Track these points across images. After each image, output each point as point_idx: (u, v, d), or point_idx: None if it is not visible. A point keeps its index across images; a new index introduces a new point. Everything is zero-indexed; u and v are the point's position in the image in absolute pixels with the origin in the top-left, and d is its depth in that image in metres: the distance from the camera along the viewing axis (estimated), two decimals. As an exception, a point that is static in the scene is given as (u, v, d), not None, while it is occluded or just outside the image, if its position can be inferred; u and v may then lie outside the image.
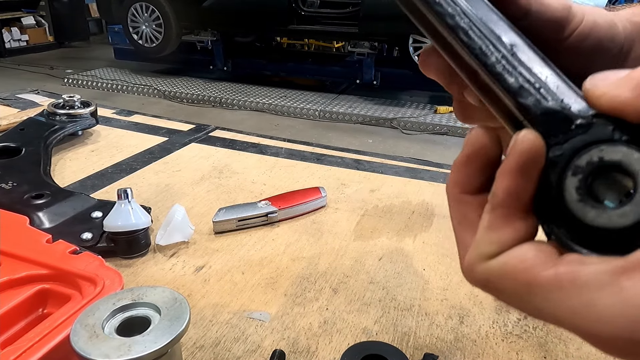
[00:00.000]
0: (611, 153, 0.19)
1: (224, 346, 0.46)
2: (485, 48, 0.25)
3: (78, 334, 0.33)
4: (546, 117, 0.21)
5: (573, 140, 0.20)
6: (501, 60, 0.24)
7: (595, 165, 0.19)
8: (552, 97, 0.22)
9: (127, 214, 0.56)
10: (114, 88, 4.91)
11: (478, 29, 0.25)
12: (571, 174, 0.19)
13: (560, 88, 0.22)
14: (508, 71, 0.24)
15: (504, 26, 0.26)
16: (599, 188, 0.19)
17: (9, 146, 0.79)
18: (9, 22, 6.69)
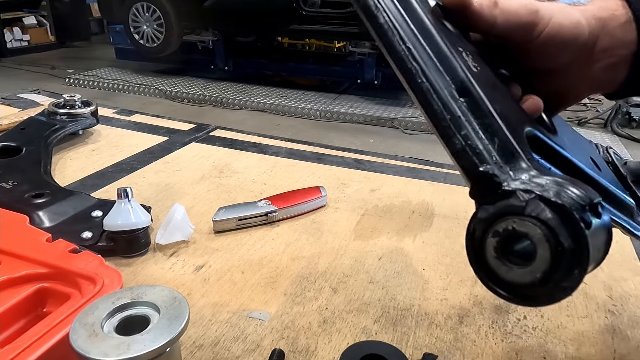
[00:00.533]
0: (521, 226, 0.23)
1: (224, 345, 0.46)
2: (439, 112, 0.28)
3: (77, 333, 0.33)
4: (479, 180, 0.26)
5: (497, 205, 0.24)
6: (449, 124, 0.27)
7: (509, 232, 0.24)
8: (486, 163, 0.26)
9: (127, 213, 0.56)
10: (115, 88, 4.92)
11: (433, 93, 0.28)
12: (491, 235, 0.24)
13: (493, 155, 0.27)
14: (453, 134, 0.27)
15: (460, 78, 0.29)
16: (513, 247, 0.24)
17: (9, 145, 0.79)
18: (10, 22, 6.69)
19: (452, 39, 0.31)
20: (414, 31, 0.29)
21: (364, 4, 0.30)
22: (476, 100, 0.28)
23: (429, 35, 0.30)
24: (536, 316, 0.51)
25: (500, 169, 0.26)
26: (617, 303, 0.54)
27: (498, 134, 0.27)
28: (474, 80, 0.29)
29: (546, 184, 0.24)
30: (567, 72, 0.37)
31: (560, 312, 0.52)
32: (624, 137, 3.93)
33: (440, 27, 0.31)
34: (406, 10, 0.30)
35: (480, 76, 0.30)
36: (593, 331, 0.49)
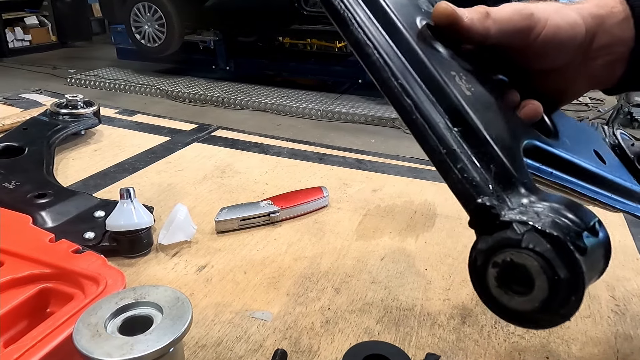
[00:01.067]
0: (518, 258, 0.24)
1: (226, 345, 0.46)
2: (435, 146, 0.28)
3: (80, 333, 0.33)
4: (477, 211, 0.27)
5: (496, 236, 0.25)
6: (445, 158, 0.28)
7: (508, 263, 0.25)
8: (483, 194, 0.27)
9: (130, 213, 0.56)
10: (116, 88, 4.92)
11: (428, 128, 0.28)
12: (491, 266, 0.25)
13: (490, 184, 0.27)
14: (449, 168, 0.28)
15: (457, 109, 0.29)
16: (513, 276, 0.25)
17: (12, 146, 0.79)
18: (12, 22, 6.70)
19: (444, 63, 0.31)
20: (406, 65, 0.29)
21: (354, 40, 0.30)
22: (471, 128, 0.29)
23: (421, 66, 0.30)
24: (539, 316, 0.51)
25: (498, 199, 0.27)
26: (620, 303, 0.53)
27: (494, 160, 0.28)
28: (468, 107, 0.29)
29: (542, 212, 0.25)
30: (565, 71, 0.37)
31: (562, 312, 0.51)
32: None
33: (431, 53, 0.31)
34: (396, 42, 0.30)
35: (474, 99, 0.30)
36: (596, 331, 0.49)
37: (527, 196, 0.27)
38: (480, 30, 0.32)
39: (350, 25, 0.30)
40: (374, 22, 0.30)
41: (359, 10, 0.30)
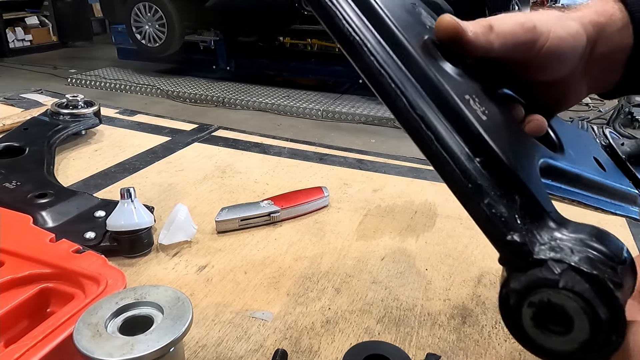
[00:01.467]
0: (557, 298, 0.23)
1: (227, 345, 0.46)
2: (458, 180, 0.27)
3: (81, 333, 0.33)
4: (508, 248, 0.26)
5: (530, 275, 0.24)
6: (471, 193, 0.27)
7: (545, 303, 0.24)
8: (512, 230, 0.26)
9: (130, 213, 0.56)
10: (117, 88, 4.93)
11: (450, 160, 0.27)
12: (527, 305, 0.24)
13: (518, 218, 0.26)
14: (476, 204, 0.27)
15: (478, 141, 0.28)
16: (550, 315, 0.24)
17: (12, 145, 0.79)
18: (12, 22, 6.71)
19: (457, 86, 0.30)
20: (422, 93, 0.28)
21: (366, 67, 0.28)
22: (493, 157, 0.28)
23: (438, 93, 0.28)
24: (539, 316, 0.51)
25: (528, 233, 0.26)
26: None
27: (519, 190, 0.27)
28: (488, 134, 0.28)
29: (574, 247, 0.25)
30: (566, 80, 0.37)
31: (563, 312, 0.51)
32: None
33: (444, 76, 0.30)
34: (409, 67, 0.29)
35: (491, 124, 0.30)
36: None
37: (556, 229, 0.27)
38: (484, 44, 0.32)
39: (362, 53, 0.28)
40: (384, 46, 0.29)
41: (367, 34, 0.29)
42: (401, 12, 0.32)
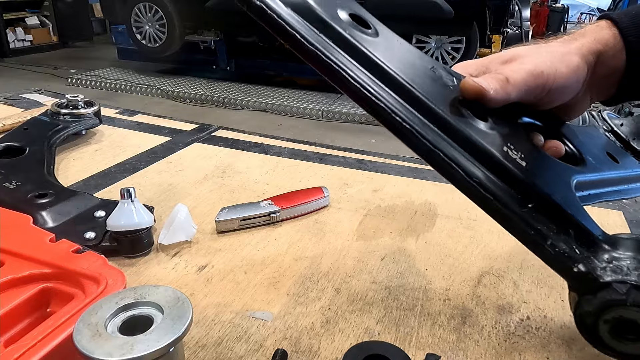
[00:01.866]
0: (627, 314, 0.28)
1: (227, 345, 0.46)
2: (521, 229, 0.31)
3: (81, 333, 0.33)
4: (576, 278, 0.30)
5: (600, 297, 0.29)
6: (534, 238, 0.31)
7: (618, 319, 0.28)
8: (576, 262, 0.30)
9: (130, 213, 0.56)
10: (117, 88, 4.93)
11: (512, 214, 0.32)
12: (602, 322, 0.29)
13: (577, 249, 0.30)
14: (541, 246, 0.31)
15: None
16: (624, 327, 0.28)
17: (12, 146, 0.79)
18: (13, 22, 6.71)
19: (495, 142, 0.34)
20: (473, 161, 0.32)
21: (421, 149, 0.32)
22: (542, 201, 0.32)
23: (485, 155, 0.32)
24: (539, 317, 0.51)
25: (589, 261, 0.30)
26: (620, 304, 0.53)
27: (571, 224, 0.32)
28: (532, 180, 0.32)
29: (629, 265, 0.29)
30: (570, 101, 0.41)
31: (563, 312, 0.51)
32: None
33: (484, 136, 0.34)
34: (456, 140, 0.32)
35: (530, 167, 0.34)
36: (596, 332, 0.49)
37: (609, 250, 0.31)
38: (503, 97, 0.37)
39: (413, 138, 0.32)
40: (430, 126, 0.33)
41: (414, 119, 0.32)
42: (430, 84, 0.36)
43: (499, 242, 0.64)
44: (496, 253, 0.62)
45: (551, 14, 10.11)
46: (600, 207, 0.74)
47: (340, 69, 0.33)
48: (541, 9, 9.92)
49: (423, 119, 0.33)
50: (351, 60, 0.33)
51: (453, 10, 3.85)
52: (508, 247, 0.63)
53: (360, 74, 0.32)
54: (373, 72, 0.33)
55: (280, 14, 0.32)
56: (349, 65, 0.33)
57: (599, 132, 0.51)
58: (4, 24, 6.52)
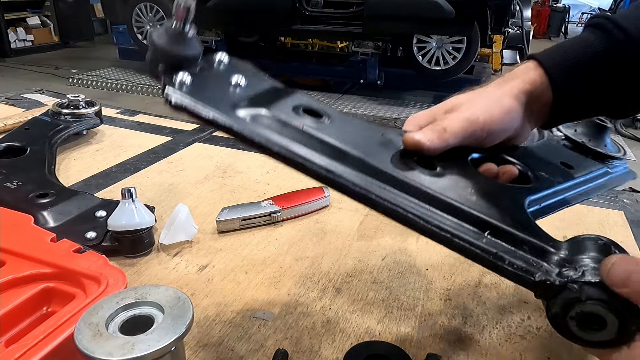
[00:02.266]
0: (587, 308, 0.31)
1: (227, 345, 0.46)
2: (481, 256, 0.35)
3: (82, 333, 0.33)
4: (537, 287, 0.34)
5: (560, 299, 0.32)
6: (493, 261, 0.35)
7: (580, 314, 0.32)
8: (533, 273, 0.34)
9: (131, 213, 0.56)
10: (118, 88, 4.93)
11: (470, 246, 0.35)
12: (569, 319, 0.32)
13: (533, 262, 0.35)
14: (500, 266, 0.35)
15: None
16: (588, 319, 0.32)
17: (14, 145, 0.79)
18: (14, 22, 6.72)
19: (448, 187, 0.39)
20: (433, 211, 0.37)
21: (391, 214, 0.36)
22: (495, 228, 0.36)
23: (443, 204, 0.37)
24: (540, 317, 0.50)
25: (544, 270, 0.34)
26: (621, 304, 0.53)
27: (524, 242, 0.36)
28: (484, 212, 0.37)
29: (579, 265, 0.33)
30: (511, 134, 0.46)
31: (564, 312, 0.51)
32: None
33: (437, 184, 0.39)
34: (419, 198, 0.37)
35: (481, 199, 0.39)
36: (597, 332, 0.49)
37: (557, 254, 0.35)
38: (441, 145, 0.41)
39: (375, 202, 0.36)
40: (384, 186, 0.37)
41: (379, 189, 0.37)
42: (379, 149, 0.42)
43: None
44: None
45: (552, 14, 10.11)
46: (601, 207, 0.74)
47: (301, 158, 0.37)
48: (542, 9, 9.92)
49: (378, 182, 0.38)
50: (308, 148, 0.38)
51: (454, 10, 3.85)
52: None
53: (318, 159, 0.37)
54: (328, 153, 0.38)
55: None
56: (307, 153, 0.37)
57: (553, 144, 0.54)
58: (6, 24, 6.53)
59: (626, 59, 0.44)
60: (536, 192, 0.43)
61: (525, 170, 0.46)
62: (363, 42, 4.43)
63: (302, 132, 0.39)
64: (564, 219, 0.70)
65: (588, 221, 0.70)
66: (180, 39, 0.41)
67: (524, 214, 0.40)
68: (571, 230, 0.67)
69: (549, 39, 9.78)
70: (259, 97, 0.42)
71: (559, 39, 9.70)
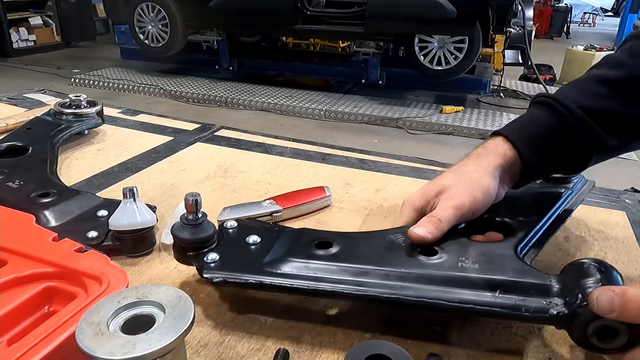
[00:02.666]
0: (598, 324, 0.38)
1: (228, 345, 0.46)
2: (505, 312, 0.43)
3: (83, 332, 0.33)
4: (554, 321, 0.41)
5: (577, 324, 0.39)
6: (514, 313, 0.42)
7: (596, 330, 0.39)
8: (549, 310, 0.41)
9: (133, 212, 0.56)
10: (120, 88, 4.94)
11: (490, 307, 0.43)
12: (590, 337, 0.39)
13: (544, 302, 0.42)
14: (521, 315, 0.42)
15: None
16: (604, 333, 0.39)
17: (15, 145, 0.79)
18: (16, 22, 6.73)
19: (452, 264, 0.47)
20: (449, 290, 0.44)
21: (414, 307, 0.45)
22: (505, 284, 0.43)
23: (452, 280, 0.45)
24: (542, 317, 0.50)
25: (553, 305, 0.41)
26: (623, 304, 0.53)
27: (530, 287, 0.43)
28: (489, 275, 0.45)
29: (577, 291, 0.40)
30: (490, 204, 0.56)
31: (565, 313, 0.51)
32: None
33: (445, 265, 0.47)
34: (436, 284, 0.45)
35: (481, 265, 0.46)
36: (599, 332, 0.49)
37: (561, 287, 0.42)
38: (440, 234, 0.50)
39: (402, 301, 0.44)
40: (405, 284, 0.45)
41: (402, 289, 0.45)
42: (388, 253, 0.49)
43: (501, 242, 0.63)
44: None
45: (554, 14, 10.09)
46: (603, 207, 0.74)
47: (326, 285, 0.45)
48: (544, 9, 9.90)
49: (399, 283, 0.45)
50: (333, 279, 0.46)
51: (456, 10, 3.84)
52: (510, 247, 0.63)
53: (344, 286, 0.45)
54: (351, 278, 0.46)
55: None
56: (333, 287, 0.45)
57: (520, 190, 0.61)
58: (8, 23, 6.54)
59: (570, 130, 0.55)
60: (522, 239, 0.51)
61: (507, 223, 0.55)
62: (365, 42, 4.43)
63: (323, 268, 0.47)
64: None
65: (590, 222, 0.70)
66: (196, 226, 0.49)
67: (520, 262, 0.47)
68: (574, 231, 0.67)
69: (551, 39, 9.76)
70: (276, 248, 0.50)
71: (561, 39, 9.69)
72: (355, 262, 0.47)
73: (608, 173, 2.91)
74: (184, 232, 0.49)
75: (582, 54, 5.71)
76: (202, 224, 0.49)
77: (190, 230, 0.49)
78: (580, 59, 5.67)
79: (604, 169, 0.79)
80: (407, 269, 0.46)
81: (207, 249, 0.49)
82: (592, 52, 5.63)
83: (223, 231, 0.52)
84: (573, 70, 5.67)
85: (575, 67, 5.66)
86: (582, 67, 5.51)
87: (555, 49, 7.35)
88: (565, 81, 5.61)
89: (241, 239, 0.51)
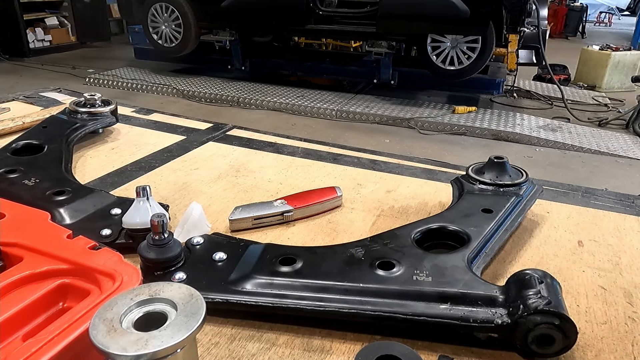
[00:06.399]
0: (538, 332, 0.43)
1: (239, 343, 0.46)
2: (453, 324, 0.46)
3: (97, 328, 0.34)
4: (500, 329, 0.45)
5: (519, 332, 0.44)
6: (461, 324, 0.46)
7: (536, 337, 0.44)
8: (495, 319, 0.45)
9: (146, 211, 0.57)
10: (133, 87, 4.99)
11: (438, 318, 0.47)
12: (530, 344, 0.44)
13: (491, 312, 0.45)
14: (470, 325, 0.46)
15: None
16: (543, 340, 0.44)
17: (31, 143, 0.81)
18: (33, 22, 6.83)
19: (406, 276, 0.50)
20: (405, 303, 0.48)
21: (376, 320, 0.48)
22: (453, 296, 0.46)
23: (406, 294, 0.48)
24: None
25: (498, 315, 0.44)
26: (637, 310, 0.52)
27: (477, 298, 0.46)
28: (441, 288, 0.47)
29: (520, 300, 0.44)
30: None
31: (579, 317, 0.51)
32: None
33: (400, 279, 0.50)
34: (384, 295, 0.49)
35: (433, 277, 0.49)
36: (612, 338, 0.48)
37: (502, 296, 0.46)
38: None
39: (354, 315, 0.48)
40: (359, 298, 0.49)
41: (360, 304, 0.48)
42: (348, 268, 0.51)
43: (511, 244, 0.63)
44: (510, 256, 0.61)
45: (569, 13, 9.95)
46: (617, 212, 0.73)
47: (289, 302, 0.48)
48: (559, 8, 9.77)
49: (358, 298, 0.47)
50: (297, 292, 0.49)
51: (469, 10, 3.81)
52: (520, 249, 0.62)
53: (303, 299, 0.48)
54: (312, 295, 0.48)
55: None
56: (295, 303, 0.48)
57: (473, 195, 0.64)
58: (25, 24, 6.64)
59: None
60: (473, 249, 0.53)
61: (460, 233, 0.57)
62: (377, 42, 4.41)
63: (286, 285, 0.48)
64: (579, 223, 0.69)
65: (604, 226, 0.69)
66: (162, 246, 0.50)
67: (469, 274, 0.49)
68: (587, 234, 0.66)
69: (565, 39, 9.63)
70: (241, 265, 0.51)
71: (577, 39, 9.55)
72: (317, 278, 0.50)
73: (623, 175, 2.87)
74: (150, 252, 0.50)
75: (597, 53, 5.62)
76: (168, 244, 0.50)
77: (157, 250, 0.50)
78: (596, 59, 5.59)
79: (617, 170, 0.78)
80: (366, 283, 0.48)
81: (174, 267, 0.51)
82: (608, 52, 5.55)
83: (190, 248, 0.54)
84: (588, 70, 5.59)
85: (591, 67, 5.58)
86: (598, 66, 5.43)
87: (570, 49, 7.26)
88: (580, 81, 5.55)
89: (208, 256, 0.53)
